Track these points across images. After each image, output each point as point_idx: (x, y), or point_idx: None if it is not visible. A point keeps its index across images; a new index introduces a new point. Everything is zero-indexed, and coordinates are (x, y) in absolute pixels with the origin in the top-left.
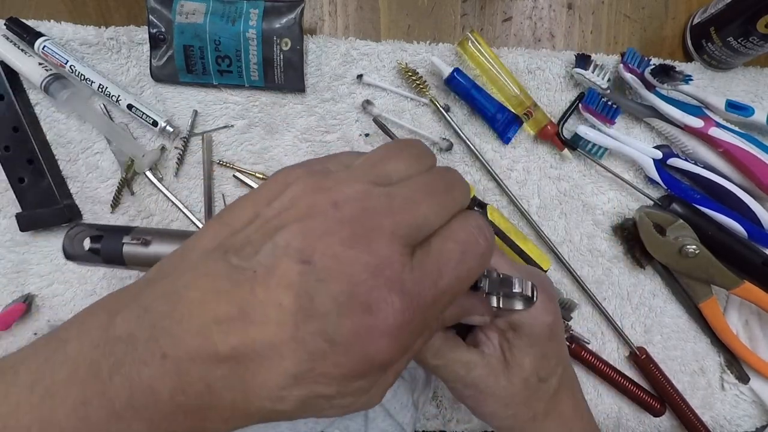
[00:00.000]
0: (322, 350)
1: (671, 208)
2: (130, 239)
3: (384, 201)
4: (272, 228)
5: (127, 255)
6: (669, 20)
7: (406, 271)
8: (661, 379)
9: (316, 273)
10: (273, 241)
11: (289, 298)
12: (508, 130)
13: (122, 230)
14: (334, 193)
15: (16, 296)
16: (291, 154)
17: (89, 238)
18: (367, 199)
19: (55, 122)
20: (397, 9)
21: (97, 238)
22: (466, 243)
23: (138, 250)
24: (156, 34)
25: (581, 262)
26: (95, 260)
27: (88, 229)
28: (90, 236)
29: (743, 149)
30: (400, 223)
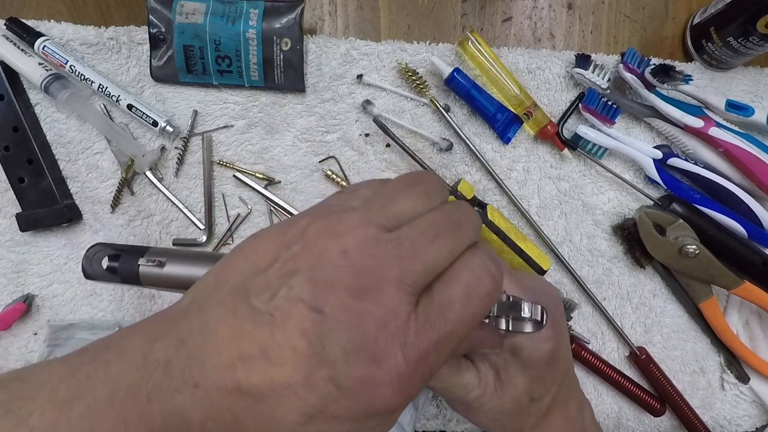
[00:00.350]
0: (332, 395)
1: (671, 208)
2: (146, 261)
3: (391, 248)
4: (288, 273)
5: (143, 275)
6: (669, 20)
7: (411, 322)
8: (661, 379)
9: (327, 323)
10: (288, 286)
11: (302, 343)
12: (508, 130)
13: (139, 250)
14: (345, 240)
15: (16, 296)
16: (291, 154)
17: (107, 258)
18: (376, 246)
19: (55, 122)
20: (397, 9)
21: (114, 258)
22: (470, 285)
23: (153, 271)
24: (156, 34)
25: (581, 262)
26: (113, 279)
27: (106, 249)
28: (108, 255)
29: (743, 149)
30: (407, 271)
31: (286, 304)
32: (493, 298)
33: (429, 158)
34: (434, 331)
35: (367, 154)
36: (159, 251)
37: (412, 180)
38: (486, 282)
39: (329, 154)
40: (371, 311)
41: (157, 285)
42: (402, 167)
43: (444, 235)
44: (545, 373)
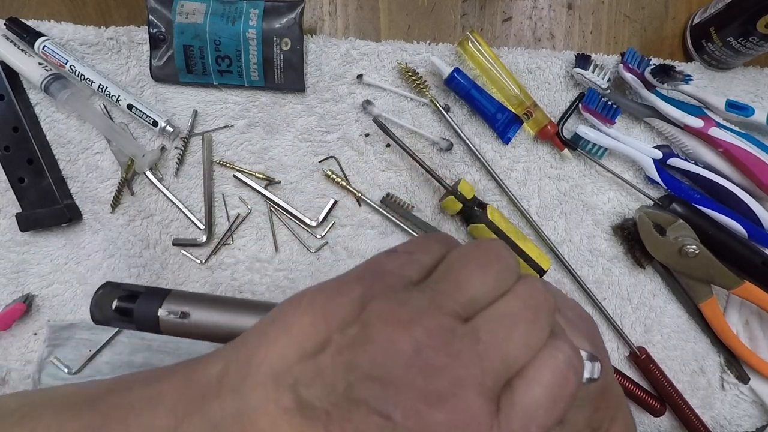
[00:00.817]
0: None
1: (671, 208)
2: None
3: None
4: (346, 365)
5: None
6: (669, 20)
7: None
8: (661, 378)
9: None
10: (347, 381)
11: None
12: (508, 130)
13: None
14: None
15: (16, 296)
16: (291, 154)
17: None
18: (451, 341)
19: (55, 122)
20: (397, 9)
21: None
22: (554, 386)
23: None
24: (156, 34)
25: (581, 262)
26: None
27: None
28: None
29: (743, 149)
30: (488, 372)
31: (345, 402)
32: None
33: (429, 158)
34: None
35: (367, 154)
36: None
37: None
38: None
39: (329, 154)
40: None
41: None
42: (402, 167)
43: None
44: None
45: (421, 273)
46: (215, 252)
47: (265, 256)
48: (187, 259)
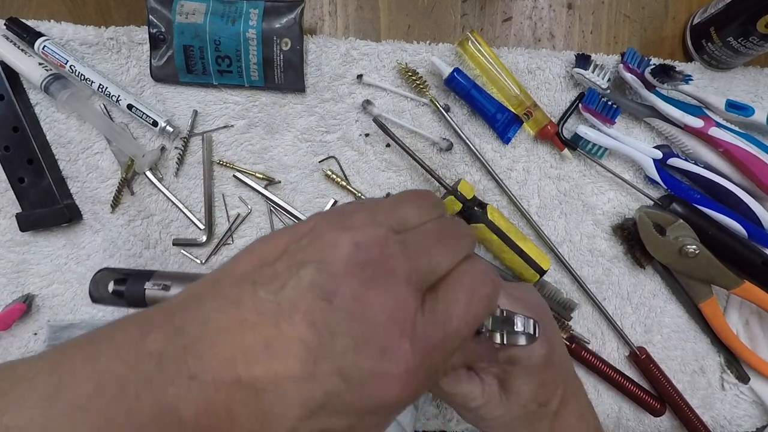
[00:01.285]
0: (338, 388)
1: (671, 208)
2: (152, 284)
3: (399, 247)
4: (297, 263)
5: (149, 298)
6: (669, 20)
7: (418, 317)
8: (661, 378)
9: (337, 312)
10: (298, 276)
11: (310, 334)
12: (508, 130)
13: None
14: (356, 234)
15: (16, 296)
16: (291, 154)
17: (113, 282)
18: (385, 244)
19: (55, 122)
20: (397, 9)
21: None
22: (472, 288)
23: (159, 294)
24: (156, 34)
25: (581, 262)
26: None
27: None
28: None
29: (743, 149)
30: (414, 269)
31: (295, 294)
32: (493, 301)
33: (429, 158)
34: (440, 328)
35: (367, 154)
36: (164, 275)
37: (414, 193)
38: (487, 286)
39: (329, 154)
40: (382, 303)
41: None
42: (402, 167)
43: (446, 242)
44: (545, 377)
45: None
46: (215, 252)
47: None
48: (187, 259)
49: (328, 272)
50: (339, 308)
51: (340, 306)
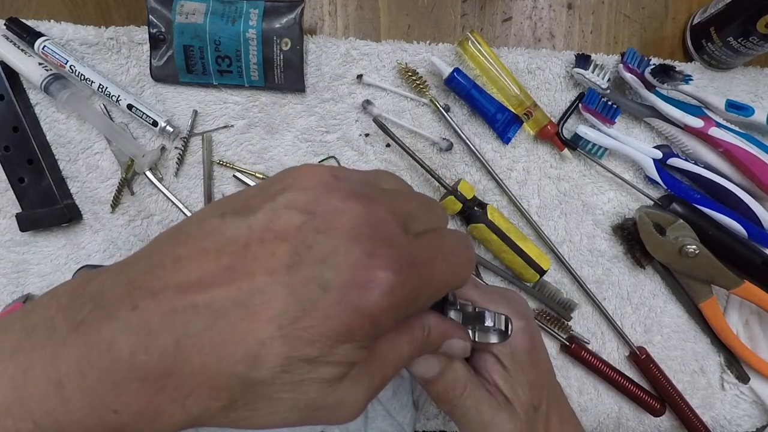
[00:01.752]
0: (313, 297)
1: (671, 208)
2: None
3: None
4: (274, 192)
5: None
6: (669, 20)
7: (402, 237)
8: (661, 378)
9: (317, 224)
10: (273, 200)
11: (284, 247)
12: (508, 130)
13: None
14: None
15: (16, 296)
16: (291, 154)
17: None
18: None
19: (55, 122)
20: (397, 9)
21: None
22: (453, 245)
23: None
24: (156, 34)
25: (581, 262)
26: None
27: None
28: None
29: (743, 149)
30: (395, 206)
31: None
32: (471, 267)
33: (429, 158)
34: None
35: (367, 154)
36: None
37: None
38: (466, 248)
39: (329, 154)
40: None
41: None
42: (402, 167)
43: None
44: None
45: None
46: None
47: None
48: None
49: (307, 193)
50: (318, 220)
51: (320, 218)
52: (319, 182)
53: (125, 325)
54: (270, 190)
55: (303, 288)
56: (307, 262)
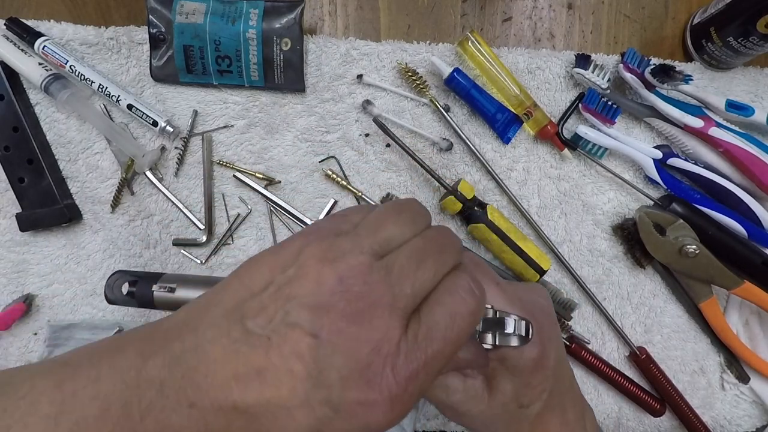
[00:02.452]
0: (328, 416)
1: (671, 208)
2: (158, 287)
3: (383, 275)
4: (284, 297)
5: (156, 300)
6: (669, 20)
7: (402, 345)
8: (661, 378)
9: (323, 347)
10: (285, 310)
11: (300, 366)
12: (508, 130)
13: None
14: (339, 266)
15: (16, 296)
16: (291, 154)
17: (128, 284)
18: (369, 273)
19: (55, 122)
20: (397, 9)
21: (134, 284)
22: (454, 306)
23: (165, 295)
24: (156, 34)
25: (581, 262)
26: (132, 303)
27: (125, 275)
28: (128, 282)
29: (743, 149)
30: (397, 297)
31: (283, 328)
32: (476, 317)
33: (429, 158)
34: (422, 353)
35: (367, 154)
36: (171, 277)
37: (398, 207)
38: (469, 302)
39: (329, 154)
40: (365, 336)
41: (169, 308)
42: (402, 167)
43: (429, 260)
44: (532, 379)
45: (350, 227)
46: (215, 252)
47: None
48: (187, 259)
49: (312, 308)
50: (325, 343)
51: (326, 341)
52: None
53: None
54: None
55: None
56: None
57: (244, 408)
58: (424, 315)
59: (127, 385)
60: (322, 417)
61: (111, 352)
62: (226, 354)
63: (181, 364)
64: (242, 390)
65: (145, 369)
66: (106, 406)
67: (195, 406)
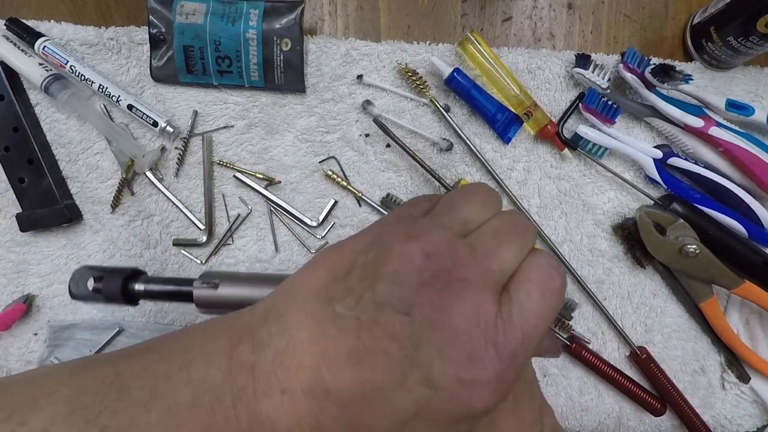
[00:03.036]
0: (427, 397)
1: (671, 208)
2: (200, 283)
3: (468, 251)
4: (371, 277)
5: (197, 298)
6: (669, 20)
7: (499, 320)
8: (662, 378)
9: (417, 324)
10: (373, 290)
11: (394, 346)
12: (508, 129)
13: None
14: (424, 243)
15: (16, 296)
16: (291, 155)
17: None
18: (454, 249)
19: (55, 122)
20: (397, 9)
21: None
22: (543, 282)
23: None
24: (156, 35)
25: (582, 261)
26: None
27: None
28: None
29: (743, 149)
30: (488, 272)
31: (372, 308)
32: (563, 294)
33: (429, 158)
34: (519, 329)
35: (368, 154)
36: (213, 274)
37: (473, 189)
38: (556, 279)
39: (329, 154)
40: (461, 309)
41: (210, 307)
42: (402, 167)
43: (512, 239)
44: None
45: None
46: (215, 252)
47: (265, 256)
48: (188, 260)
49: (402, 285)
50: (419, 320)
51: (420, 317)
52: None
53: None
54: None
55: (417, 388)
56: (416, 363)
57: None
58: (515, 292)
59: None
60: (421, 398)
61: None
62: (314, 337)
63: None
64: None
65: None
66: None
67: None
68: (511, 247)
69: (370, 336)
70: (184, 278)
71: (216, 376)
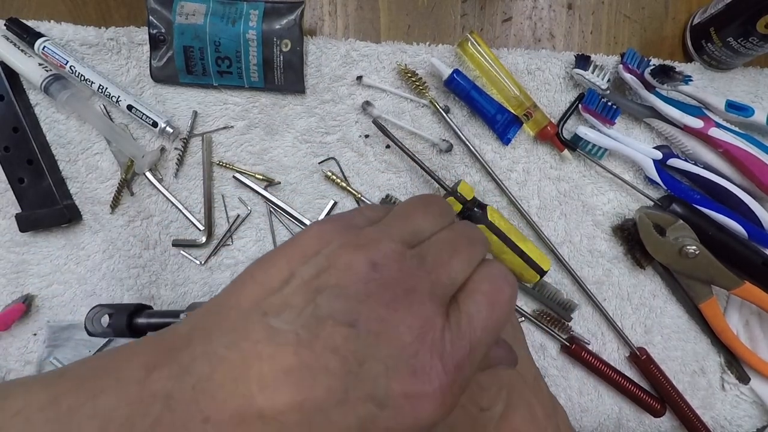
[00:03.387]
0: (372, 414)
1: (671, 209)
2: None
3: (417, 262)
4: (312, 289)
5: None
6: (669, 20)
7: (446, 333)
8: (662, 379)
9: (362, 338)
10: (315, 303)
11: (336, 362)
12: (507, 131)
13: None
14: (371, 253)
15: (16, 296)
16: (291, 155)
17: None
18: (402, 260)
19: (55, 123)
20: (397, 9)
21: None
22: (492, 293)
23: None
24: (156, 35)
25: (581, 262)
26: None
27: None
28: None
29: (743, 149)
30: (435, 283)
31: (313, 321)
32: (513, 305)
33: (429, 159)
34: (466, 341)
35: (367, 155)
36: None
37: (425, 200)
38: (505, 289)
39: (329, 155)
40: (408, 322)
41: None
42: (402, 168)
43: (462, 250)
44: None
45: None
46: (215, 253)
47: None
48: (187, 260)
49: (347, 296)
50: (364, 333)
51: (365, 330)
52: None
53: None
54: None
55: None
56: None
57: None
58: (464, 303)
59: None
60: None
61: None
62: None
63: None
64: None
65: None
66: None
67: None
68: (460, 257)
69: (310, 351)
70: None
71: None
